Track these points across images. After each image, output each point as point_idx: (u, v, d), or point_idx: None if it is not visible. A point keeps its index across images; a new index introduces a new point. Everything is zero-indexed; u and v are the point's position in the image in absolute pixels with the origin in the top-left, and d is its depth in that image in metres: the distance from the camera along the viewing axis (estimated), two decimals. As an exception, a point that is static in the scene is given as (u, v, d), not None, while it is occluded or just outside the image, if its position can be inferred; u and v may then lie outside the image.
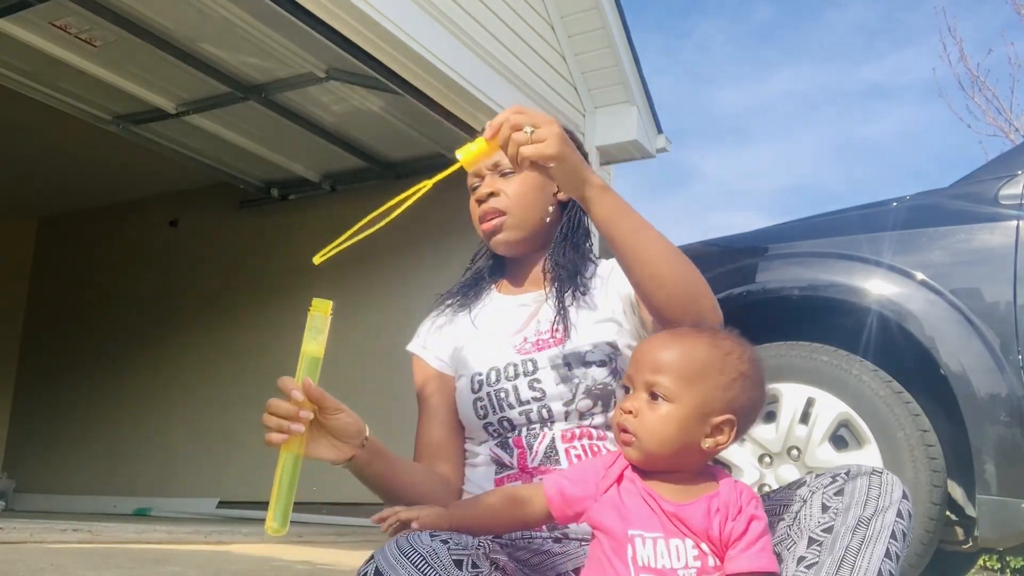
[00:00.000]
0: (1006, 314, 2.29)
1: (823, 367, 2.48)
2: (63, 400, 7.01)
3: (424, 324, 1.58)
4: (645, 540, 1.04)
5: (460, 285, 1.59)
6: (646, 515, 1.06)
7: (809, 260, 2.65)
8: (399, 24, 3.98)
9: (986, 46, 14.28)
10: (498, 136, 1.18)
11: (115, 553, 2.47)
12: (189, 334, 6.58)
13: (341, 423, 1.18)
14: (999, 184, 2.44)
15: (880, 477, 1.07)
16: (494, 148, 1.19)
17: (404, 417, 5.33)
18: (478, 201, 1.50)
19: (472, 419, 1.40)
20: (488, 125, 1.19)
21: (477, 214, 1.51)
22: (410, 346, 1.55)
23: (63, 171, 6.53)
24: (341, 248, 1.27)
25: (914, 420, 2.36)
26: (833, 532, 1.04)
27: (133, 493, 6.28)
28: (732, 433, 1.08)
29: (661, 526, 1.05)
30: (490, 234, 1.48)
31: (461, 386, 1.43)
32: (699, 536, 1.04)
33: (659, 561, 1.02)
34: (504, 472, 1.35)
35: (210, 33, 4.41)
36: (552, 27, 5.35)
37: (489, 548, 1.06)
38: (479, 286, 1.56)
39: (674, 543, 1.03)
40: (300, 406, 1.11)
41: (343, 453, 1.20)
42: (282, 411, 1.12)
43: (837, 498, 1.06)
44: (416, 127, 5.29)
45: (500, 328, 1.45)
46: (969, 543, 2.55)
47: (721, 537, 1.03)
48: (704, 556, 1.03)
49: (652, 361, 1.10)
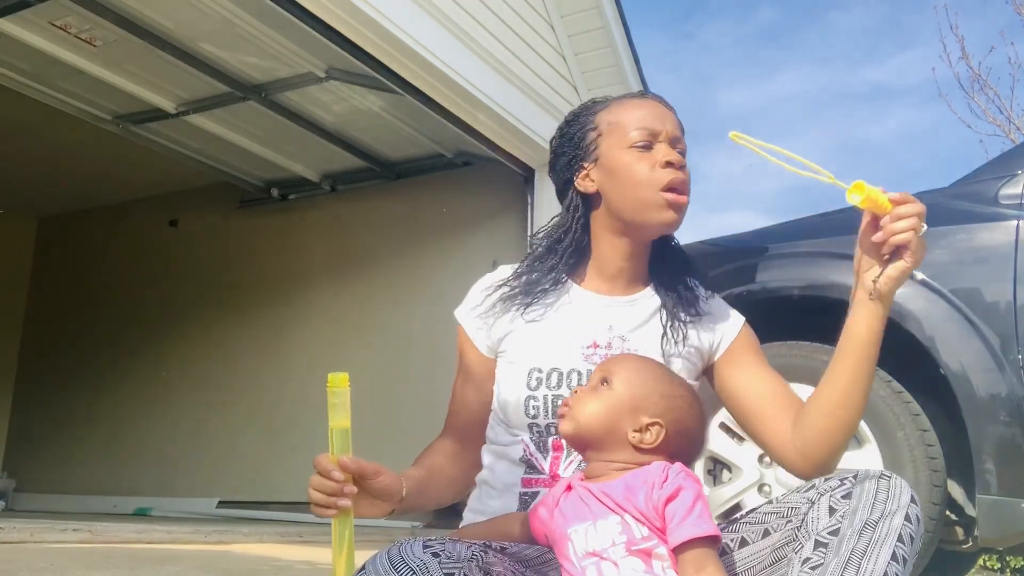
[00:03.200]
0: (1006, 314, 2.29)
1: (823, 367, 2.46)
2: (63, 400, 7.01)
3: (476, 293, 1.43)
4: (578, 531, 1.08)
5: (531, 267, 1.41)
6: (580, 511, 1.10)
7: (809, 260, 2.65)
8: (399, 24, 3.97)
9: (986, 47, 14.28)
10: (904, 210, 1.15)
11: (115, 553, 2.47)
12: (189, 333, 6.57)
13: (381, 486, 1.20)
14: (999, 184, 2.43)
15: (888, 481, 1.06)
16: (887, 211, 1.16)
17: (405, 416, 5.33)
18: (672, 165, 1.30)
19: (519, 414, 1.32)
20: (904, 193, 1.16)
21: (667, 178, 1.30)
22: (458, 315, 1.43)
23: (63, 171, 6.52)
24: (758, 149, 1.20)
25: (914, 420, 2.36)
26: (839, 534, 1.03)
27: (133, 493, 6.28)
28: (658, 438, 1.13)
29: (589, 515, 1.09)
30: (679, 207, 1.31)
31: (513, 374, 1.34)
32: (622, 511, 1.06)
33: (590, 545, 1.06)
34: (533, 475, 1.31)
35: (210, 33, 4.41)
36: (552, 27, 5.34)
37: (483, 560, 1.05)
38: (553, 274, 1.38)
39: (600, 524, 1.07)
40: (343, 483, 1.15)
41: (384, 510, 1.24)
42: (327, 489, 1.15)
43: (844, 501, 1.06)
44: (416, 127, 5.29)
45: (570, 324, 1.34)
46: (969, 543, 2.55)
47: (650, 507, 1.05)
48: (628, 528, 1.05)
49: (616, 363, 1.21)
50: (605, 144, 1.35)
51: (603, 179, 1.35)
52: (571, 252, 1.38)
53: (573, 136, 1.40)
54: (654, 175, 1.30)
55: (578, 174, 1.39)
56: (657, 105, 1.37)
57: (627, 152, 1.32)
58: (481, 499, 1.37)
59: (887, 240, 1.16)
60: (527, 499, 1.29)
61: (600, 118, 1.38)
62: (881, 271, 1.19)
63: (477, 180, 5.59)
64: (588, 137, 1.38)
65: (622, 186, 1.33)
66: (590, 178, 1.37)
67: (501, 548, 1.19)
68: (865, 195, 1.14)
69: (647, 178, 1.30)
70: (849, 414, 1.25)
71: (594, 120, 1.39)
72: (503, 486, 1.33)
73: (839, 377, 1.25)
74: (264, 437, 5.94)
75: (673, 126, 1.34)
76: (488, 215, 5.60)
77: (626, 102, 1.39)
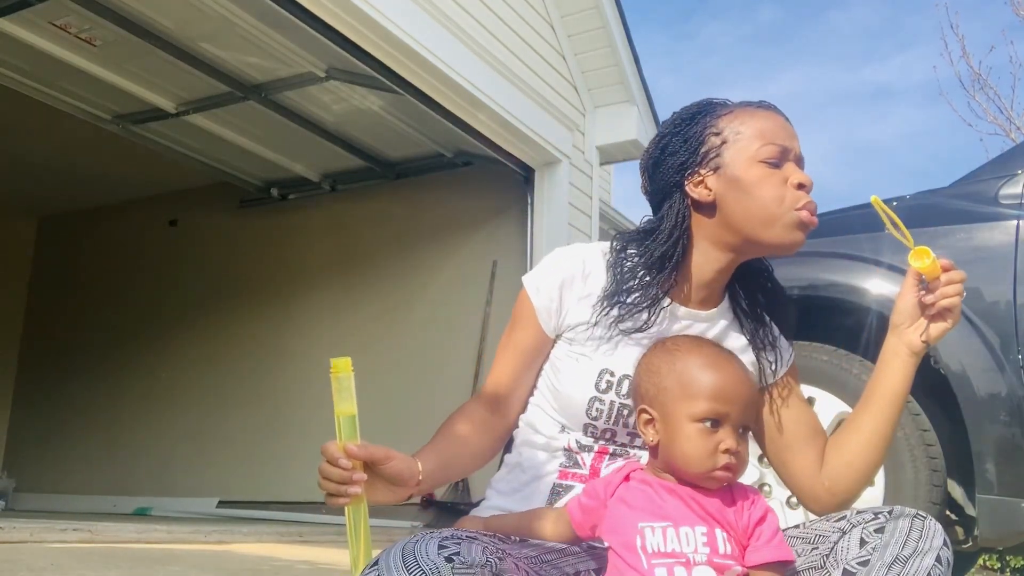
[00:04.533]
0: (1006, 314, 2.29)
1: (823, 367, 2.48)
2: (63, 400, 7.01)
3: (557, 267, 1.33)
4: (655, 530, 1.07)
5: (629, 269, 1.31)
6: (653, 507, 1.09)
7: (809, 260, 2.65)
8: (399, 24, 3.97)
9: (987, 46, 14.28)
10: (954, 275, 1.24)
11: (115, 553, 2.47)
12: (189, 334, 6.57)
13: (394, 471, 1.17)
14: (999, 184, 2.43)
15: (923, 522, 1.08)
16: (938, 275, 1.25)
17: (405, 416, 5.31)
18: (805, 187, 1.27)
19: (579, 412, 1.27)
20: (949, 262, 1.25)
21: (801, 200, 1.26)
22: (529, 284, 1.33)
23: (63, 171, 6.52)
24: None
25: (914, 420, 2.36)
26: (869, 565, 1.04)
27: (133, 493, 6.28)
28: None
29: (669, 516, 1.08)
30: (806, 229, 1.27)
31: (581, 370, 1.28)
32: (714, 522, 1.07)
33: (668, 546, 1.06)
34: (572, 469, 1.28)
35: (210, 33, 4.41)
36: (552, 27, 5.35)
37: (496, 566, 1.03)
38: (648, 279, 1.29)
39: (683, 530, 1.07)
40: (351, 470, 1.12)
41: (400, 495, 1.20)
42: (336, 477, 1.12)
43: (877, 535, 1.07)
44: (416, 127, 5.29)
45: (648, 334, 1.28)
46: (969, 543, 2.55)
47: (740, 523, 1.08)
48: (715, 541, 1.06)
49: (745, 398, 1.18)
50: (730, 153, 1.28)
51: (724, 189, 1.27)
52: (676, 265, 1.29)
53: (690, 137, 1.31)
54: (788, 194, 1.25)
55: (691, 179, 1.29)
56: (785, 121, 1.32)
57: (756, 166, 1.26)
58: (509, 480, 1.33)
59: (937, 302, 1.23)
60: (559, 491, 1.27)
61: (724, 123, 1.30)
62: (925, 328, 1.26)
63: (477, 180, 5.59)
64: (709, 142, 1.29)
65: (749, 200, 1.26)
66: (705, 185, 1.28)
67: (521, 540, 1.19)
68: (930, 262, 1.23)
69: (779, 196, 1.25)
70: (879, 454, 1.29)
71: (717, 124, 1.30)
72: (536, 471, 1.29)
73: (868, 423, 1.28)
74: (264, 437, 5.93)
75: (799, 145, 1.31)
76: (488, 215, 5.59)
77: (754, 112, 1.31)
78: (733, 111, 1.31)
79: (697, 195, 1.29)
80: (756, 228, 1.26)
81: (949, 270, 1.23)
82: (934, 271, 1.24)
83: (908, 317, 1.26)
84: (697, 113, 1.33)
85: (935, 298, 1.23)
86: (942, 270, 1.24)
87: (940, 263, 1.24)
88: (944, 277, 1.23)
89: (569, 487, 1.27)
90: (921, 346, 1.25)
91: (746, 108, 1.31)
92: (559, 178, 5.26)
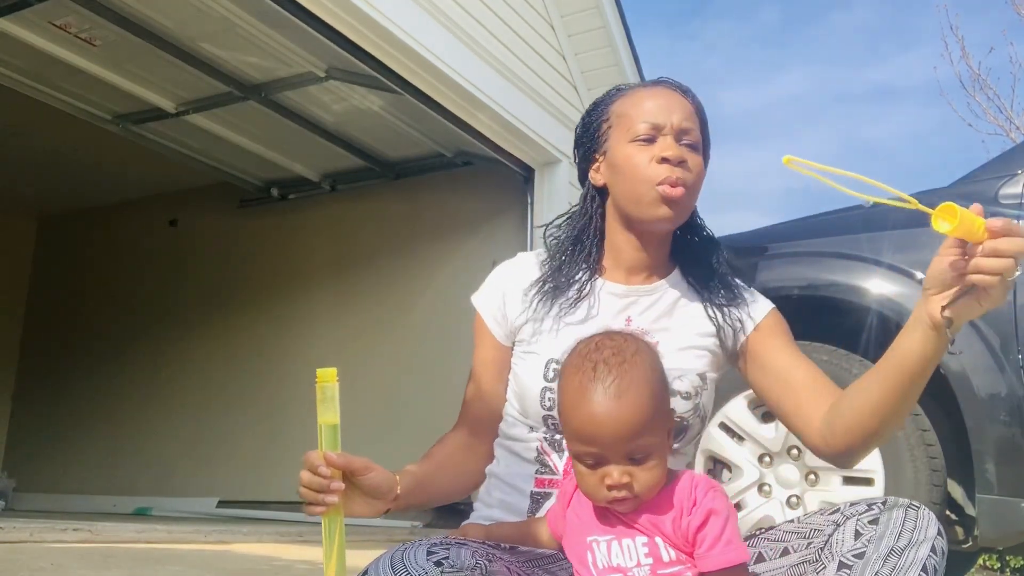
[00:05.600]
0: (1006, 314, 2.29)
1: (823, 367, 2.45)
2: (63, 399, 7.01)
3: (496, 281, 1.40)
4: (600, 543, 1.06)
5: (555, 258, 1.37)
6: (599, 518, 1.07)
7: (809, 260, 2.65)
8: (399, 24, 3.97)
9: (987, 47, 14.29)
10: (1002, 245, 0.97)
11: (115, 553, 2.47)
12: (189, 334, 6.58)
13: (371, 483, 1.17)
14: (999, 183, 2.44)
15: (917, 512, 1.06)
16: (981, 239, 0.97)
17: (405, 416, 5.30)
18: (667, 160, 1.26)
19: (534, 405, 1.28)
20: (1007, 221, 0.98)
21: (662, 175, 1.25)
22: (475, 300, 1.42)
23: (63, 171, 6.52)
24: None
25: (914, 420, 2.36)
26: (864, 558, 1.03)
27: (133, 493, 6.28)
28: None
29: (612, 529, 1.06)
30: (672, 202, 1.26)
31: (530, 365, 1.30)
32: (649, 533, 1.04)
33: (614, 560, 1.04)
34: (546, 474, 1.28)
35: (210, 33, 4.41)
36: (552, 26, 5.35)
37: (486, 568, 1.03)
38: (576, 264, 1.35)
39: (625, 543, 1.05)
40: (330, 479, 1.12)
41: (377, 509, 1.20)
42: (314, 485, 1.12)
43: (871, 526, 1.06)
44: (416, 127, 5.29)
45: (589, 316, 1.32)
46: (969, 543, 2.55)
47: (677, 533, 1.03)
48: (656, 550, 1.03)
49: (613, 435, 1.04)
50: (613, 136, 1.33)
51: (609, 173, 1.33)
52: (596, 243, 1.35)
53: (589, 126, 1.37)
54: (650, 170, 1.26)
55: (592, 166, 1.36)
56: (669, 94, 1.32)
57: (630, 146, 1.29)
58: (490, 492, 1.34)
59: (968, 275, 1.01)
60: (538, 499, 1.28)
61: (614, 108, 1.34)
62: (952, 300, 1.04)
63: (477, 180, 5.59)
64: (601, 128, 1.35)
65: (623, 181, 1.30)
66: (600, 171, 1.35)
67: (511, 547, 1.18)
68: (958, 222, 0.95)
69: (643, 173, 1.27)
70: (883, 426, 1.20)
71: (608, 111, 1.35)
72: (514, 484, 1.30)
73: (876, 390, 1.17)
74: (264, 437, 5.93)
75: (681, 117, 1.29)
76: (488, 215, 5.59)
77: (638, 92, 1.35)
78: (625, 94, 1.36)
79: (595, 180, 1.36)
80: (630, 207, 1.30)
81: (1002, 235, 0.98)
82: (974, 233, 0.96)
83: (937, 283, 1.06)
84: (600, 102, 1.39)
85: (968, 268, 1.01)
86: (988, 233, 0.97)
87: (989, 224, 0.97)
88: (987, 245, 0.98)
89: (547, 495, 1.27)
90: (941, 320, 1.06)
91: (634, 89, 1.37)
92: (559, 178, 5.26)
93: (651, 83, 1.37)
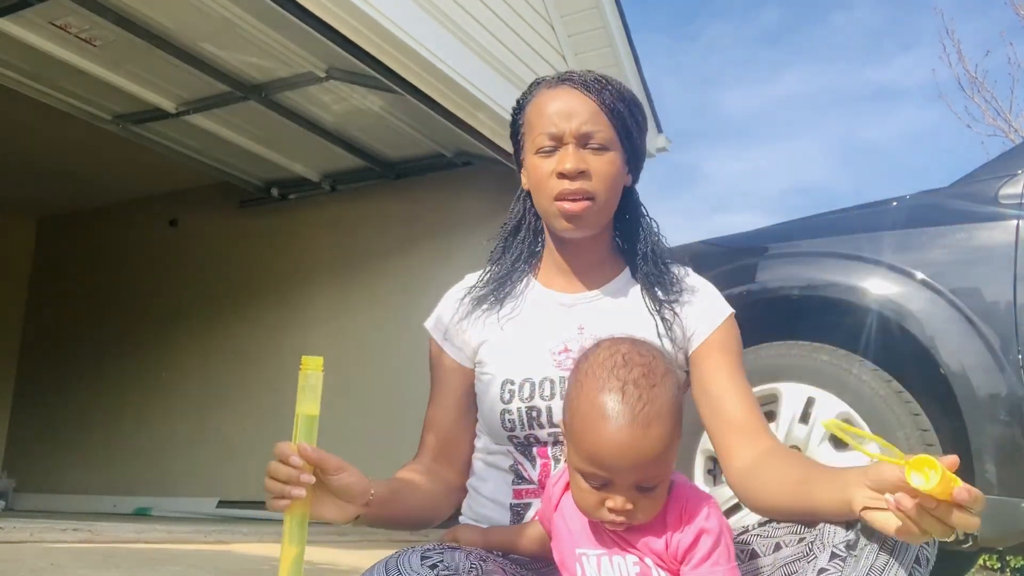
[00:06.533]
0: (1006, 314, 2.29)
1: (823, 367, 2.47)
2: (63, 400, 7.01)
3: (447, 303, 1.39)
4: (590, 558, 1.04)
5: (493, 269, 1.38)
6: (588, 533, 1.05)
7: (809, 260, 2.65)
8: (399, 24, 3.97)
9: (986, 49, 14.27)
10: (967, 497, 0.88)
11: (115, 553, 2.47)
12: (189, 334, 6.58)
13: (343, 484, 1.09)
14: (999, 184, 2.43)
15: None
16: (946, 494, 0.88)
17: (405, 415, 5.32)
18: (563, 175, 1.23)
19: (496, 427, 1.27)
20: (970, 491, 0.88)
21: (557, 189, 1.24)
22: (428, 325, 1.39)
23: (63, 171, 6.53)
24: None
25: (914, 420, 2.36)
26: (857, 549, 1.02)
27: (133, 493, 6.28)
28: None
29: (602, 543, 1.04)
30: (571, 218, 1.24)
31: (488, 386, 1.29)
32: (640, 553, 1.02)
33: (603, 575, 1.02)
34: (524, 485, 1.26)
35: (210, 33, 4.41)
36: (552, 27, 5.35)
37: (481, 570, 1.03)
38: (516, 271, 1.35)
39: (616, 560, 1.02)
40: (300, 470, 1.05)
41: (347, 513, 1.11)
42: (282, 476, 1.04)
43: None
44: (416, 127, 5.29)
45: (536, 329, 1.29)
46: (969, 543, 2.55)
47: (668, 551, 1.01)
48: (647, 571, 1.01)
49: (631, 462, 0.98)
50: (526, 144, 1.32)
51: (526, 179, 1.33)
52: (529, 244, 1.36)
53: (514, 130, 1.37)
54: (550, 184, 1.25)
55: (520, 168, 1.36)
56: (570, 95, 1.26)
57: (535, 157, 1.28)
58: (472, 506, 1.33)
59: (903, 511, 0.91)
60: (518, 510, 1.26)
61: (525, 113, 1.32)
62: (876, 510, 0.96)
63: (477, 180, 5.59)
64: (520, 133, 1.34)
65: (533, 191, 1.30)
66: (524, 175, 1.35)
67: (503, 553, 1.18)
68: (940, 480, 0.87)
69: (545, 186, 1.25)
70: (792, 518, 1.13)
71: (522, 115, 1.33)
72: (493, 495, 1.29)
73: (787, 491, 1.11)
74: (264, 437, 5.90)
75: (581, 121, 1.24)
76: (488, 215, 5.59)
77: (542, 95, 1.29)
78: (535, 96, 1.32)
79: (523, 183, 1.36)
80: (542, 216, 1.31)
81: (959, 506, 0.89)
82: (941, 492, 0.88)
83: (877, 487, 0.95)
84: (519, 103, 1.36)
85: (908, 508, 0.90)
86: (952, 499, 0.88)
87: (955, 494, 0.87)
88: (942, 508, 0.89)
89: (526, 505, 1.26)
90: (858, 512, 0.97)
91: (542, 92, 1.31)
92: (559, 178, 5.26)
93: (555, 82, 1.30)
